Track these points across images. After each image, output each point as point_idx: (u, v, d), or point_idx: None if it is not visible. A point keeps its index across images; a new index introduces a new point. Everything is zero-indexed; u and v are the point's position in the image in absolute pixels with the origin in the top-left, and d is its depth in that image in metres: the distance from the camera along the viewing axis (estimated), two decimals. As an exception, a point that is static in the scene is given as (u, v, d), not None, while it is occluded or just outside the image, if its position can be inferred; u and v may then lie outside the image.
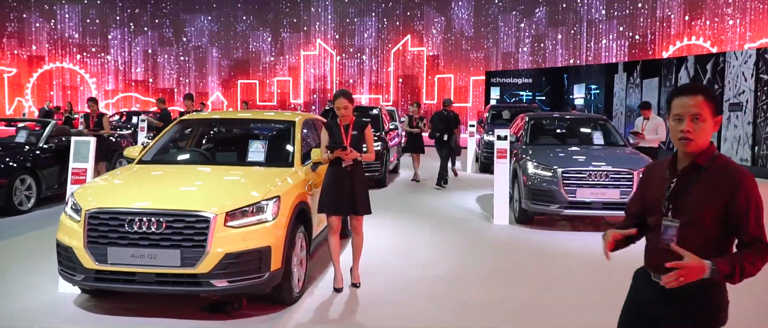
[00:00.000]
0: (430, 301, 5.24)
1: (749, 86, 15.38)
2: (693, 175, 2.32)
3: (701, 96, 2.27)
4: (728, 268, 2.16)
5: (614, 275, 6.05)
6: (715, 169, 2.29)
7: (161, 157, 5.86)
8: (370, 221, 8.53)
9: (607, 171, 7.81)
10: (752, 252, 2.21)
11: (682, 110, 2.28)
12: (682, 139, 2.28)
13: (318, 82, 26.24)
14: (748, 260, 2.19)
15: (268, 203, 4.68)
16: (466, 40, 24.31)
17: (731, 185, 2.24)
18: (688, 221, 2.28)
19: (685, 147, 2.29)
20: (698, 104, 2.26)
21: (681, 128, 2.27)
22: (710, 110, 2.27)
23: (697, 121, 2.26)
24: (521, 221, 8.50)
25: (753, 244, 2.23)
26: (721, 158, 2.32)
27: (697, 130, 2.26)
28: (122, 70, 27.17)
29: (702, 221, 2.27)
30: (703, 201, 2.27)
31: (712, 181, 2.27)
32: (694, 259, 2.15)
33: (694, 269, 2.14)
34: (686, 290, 2.22)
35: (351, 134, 5.38)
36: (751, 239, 2.23)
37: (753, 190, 2.25)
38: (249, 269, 4.51)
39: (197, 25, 26.98)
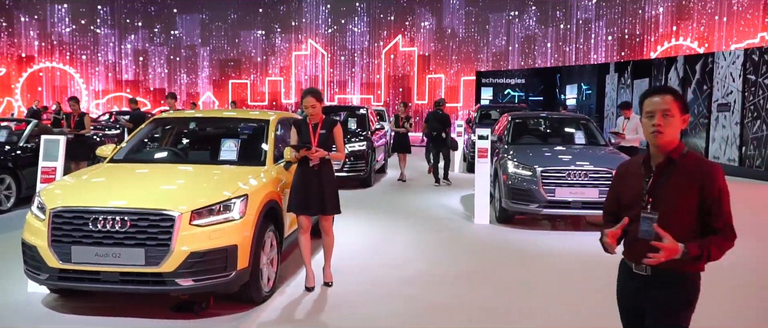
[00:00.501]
0: (400, 301, 5.22)
1: (737, 87, 15.42)
2: (668, 169, 2.53)
3: (670, 95, 2.53)
4: (698, 251, 2.41)
5: (591, 276, 6.07)
6: (687, 163, 2.52)
7: (133, 156, 5.82)
8: (350, 221, 8.54)
9: (587, 170, 7.81)
10: (720, 238, 2.46)
11: (653, 108, 2.53)
12: (654, 132, 2.51)
13: (310, 82, 26.23)
14: (716, 244, 2.44)
15: (235, 201, 4.66)
16: (457, 40, 24.32)
17: (704, 176, 2.47)
18: (665, 212, 2.48)
19: (657, 139, 2.52)
20: (667, 102, 2.51)
21: (653, 122, 2.51)
22: (678, 108, 2.52)
23: (667, 116, 2.50)
24: (502, 221, 8.49)
25: (722, 230, 2.46)
26: (691, 153, 2.55)
27: (667, 125, 2.50)
28: (112, 70, 27.08)
29: (678, 211, 2.48)
30: (678, 192, 2.49)
31: (685, 173, 2.50)
32: (671, 240, 2.39)
33: (671, 249, 2.40)
34: (666, 280, 2.50)
35: (319, 133, 5.36)
36: (720, 225, 2.47)
37: (722, 180, 2.49)
38: (215, 268, 4.48)
39: (188, 25, 26.93)
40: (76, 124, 10.24)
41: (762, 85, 14.64)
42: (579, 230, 8.21)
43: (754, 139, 14.77)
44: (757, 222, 8.75)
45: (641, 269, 2.56)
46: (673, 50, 19.42)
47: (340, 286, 5.56)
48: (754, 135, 14.78)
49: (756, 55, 14.80)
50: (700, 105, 16.42)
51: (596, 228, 8.33)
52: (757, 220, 9.02)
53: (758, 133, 14.73)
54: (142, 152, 6.08)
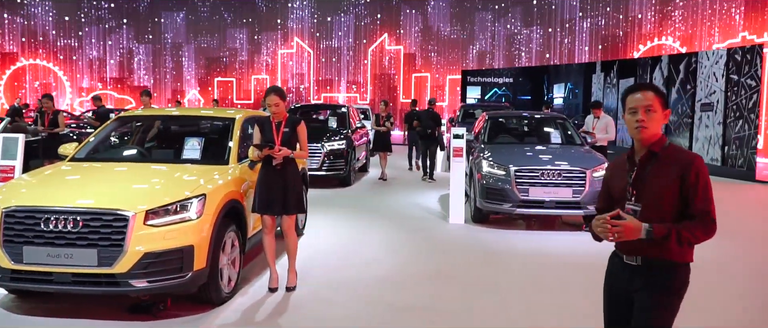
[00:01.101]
0: (363, 302, 5.17)
1: (720, 87, 15.46)
2: (649, 161, 2.62)
3: (651, 91, 2.61)
4: (664, 231, 2.48)
5: (559, 276, 6.04)
6: (668, 154, 2.60)
7: (95, 155, 5.73)
8: (325, 220, 8.48)
9: (560, 170, 7.78)
10: (696, 223, 2.52)
11: (636, 104, 2.61)
12: (638, 127, 2.60)
13: (295, 81, 26.11)
14: (688, 228, 2.50)
15: (192, 201, 4.58)
16: (443, 38, 24.28)
17: (683, 163, 2.55)
18: (648, 203, 2.57)
19: (641, 133, 2.60)
20: (649, 98, 2.60)
21: (636, 118, 2.60)
22: (660, 103, 2.61)
23: (649, 112, 2.59)
24: (477, 221, 8.45)
25: (698, 216, 2.52)
26: (672, 145, 2.63)
27: (650, 120, 2.58)
28: (97, 68, 26.86)
29: (660, 200, 2.56)
30: (660, 183, 2.57)
31: (666, 164, 2.58)
32: (631, 220, 2.49)
33: (631, 228, 2.48)
34: (655, 268, 2.59)
35: (283, 132, 5.29)
36: (697, 211, 2.52)
37: (703, 168, 2.55)
38: (170, 268, 4.41)
39: (173, 22, 26.75)
40: (50, 122, 10.12)
41: (744, 84, 14.68)
42: (553, 230, 8.18)
43: (736, 138, 14.82)
44: (740, 221, 8.75)
45: (632, 259, 2.64)
46: (656, 50, 19.46)
47: (305, 287, 5.50)
48: (736, 135, 14.83)
49: (738, 55, 14.85)
50: (683, 105, 16.46)
51: (572, 228, 8.31)
52: (740, 219, 9.04)
53: (740, 133, 14.78)
54: (105, 151, 5.99)
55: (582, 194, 7.72)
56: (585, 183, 7.72)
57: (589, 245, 7.28)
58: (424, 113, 12.98)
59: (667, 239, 2.49)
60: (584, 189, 7.71)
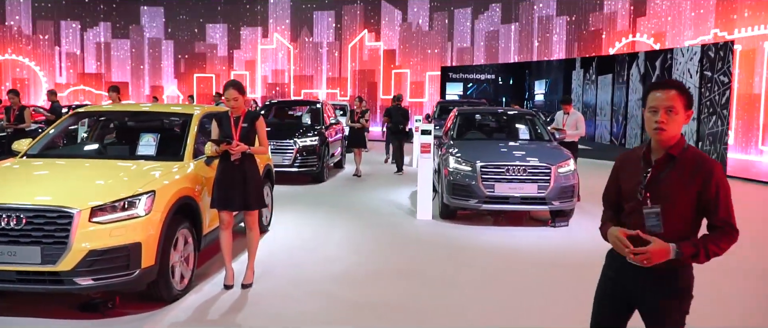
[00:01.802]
0: (319, 299, 5.13)
1: (694, 83, 15.58)
2: (667, 164, 2.51)
3: (674, 90, 2.48)
4: (692, 249, 2.42)
5: (519, 272, 6.04)
6: (686, 159, 2.49)
7: (49, 151, 5.65)
8: (292, 216, 8.44)
9: (525, 166, 7.79)
10: (718, 234, 2.45)
11: (656, 103, 2.48)
12: (657, 129, 2.48)
13: (276, 77, 25.95)
14: (713, 241, 2.44)
15: (140, 198, 4.52)
16: (422, 35, 24.26)
17: (703, 173, 2.45)
18: (663, 208, 2.48)
19: (659, 135, 2.49)
20: (671, 98, 2.47)
21: (656, 119, 2.47)
22: (683, 103, 2.48)
23: (670, 113, 2.47)
24: (444, 216, 8.45)
25: (721, 227, 2.46)
26: (691, 149, 2.52)
27: (670, 122, 2.46)
28: (74, 63, 26.54)
29: (675, 207, 2.47)
30: (677, 189, 2.48)
31: (684, 170, 2.48)
32: (658, 243, 2.42)
33: (659, 252, 2.42)
34: (661, 272, 2.49)
35: (241, 127, 5.24)
36: (721, 222, 2.46)
37: (722, 178, 2.47)
38: (116, 266, 4.35)
39: (152, 17, 26.48)
40: (16, 118, 9.96)
41: (718, 81, 14.81)
42: (521, 226, 8.19)
43: (709, 134, 14.95)
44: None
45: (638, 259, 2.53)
46: (628, 47, 19.57)
47: (263, 284, 5.46)
48: (710, 131, 14.96)
49: (712, 52, 14.97)
50: (659, 101, 16.58)
51: (539, 224, 8.33)
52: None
53: (714, 129, 14.92)
54: (59, 147, 5.90)
55: (547, 189, 7.73)
56: (550, 179, 7.74)
57: (554, 240, 7.35)
58: (393, 109, 13.58)
59: (697, 256, 2.44)
60: (549, 185, 7.73)
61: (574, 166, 8.21)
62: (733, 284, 5.72)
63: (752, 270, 6.25)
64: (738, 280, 5.89)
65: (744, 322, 4.88)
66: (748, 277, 6.03)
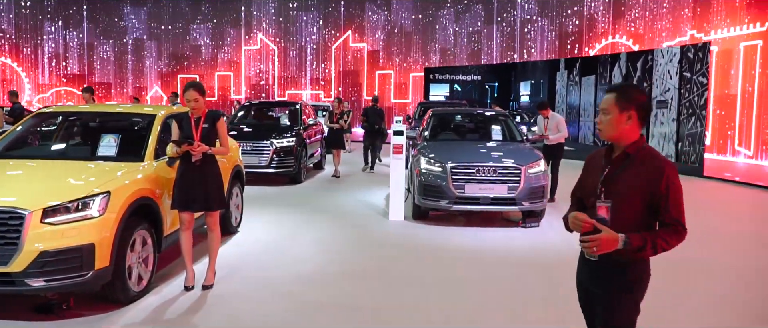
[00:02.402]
0: (280, 300, 5.12)
1: (674, 84, 15.69)
2: (623, 162, 2.66)
3: (611, 94, 2.68)
4: (640, 242, 2.51)
5: (485, 272, 6.05)
6: (641, 158, 2.63)
7: (9, 152, 5.60)
8: (264, 217, 8.42)
9: (495, 167, 7.81)
10: (668, 231, 2.55)
11: (600, 106, 2.73)
12: (597, 129, 2.75)
13: (260, 78, 25.86)
14: (662, 237, 2.54)
15: (94, 199, 4.50)
16: (406, 36, 24.27)
17: (655, 172, 2.57)
18: (615, 203, 2.60)
19: (600, 134, 2.74)
20: (607, 100, 2.69)
21: (597, 119, 2.74)
22: (617, 106, 2.66)
23: (605, 114, 2.68)
24: (416, 217, 8.46)
25: (671, 225, 2.55)
26: (647, 149, 2.65)
27: (605, 122, 2.68)
28: (56, 64, 26.35)
29: (626, 203, 2.59)
30: (628, 185, 2.60)
31: (639, 168, 2.60)
32: (608, 232, 2.52)
33: (607, 240, 2.52)
34: (612, 266, 2.62)
35: (202, 127, 5.23)
36: (671, 220, 2.56)
37: (673, 177, 2.58)
38: (69, 267, 4.32)
39: (135, 18, 26.33)
40: (-12, 118, 9.87)
41: (696, 82, 14.93)
42: (492, 227, 8.20)
43: (689, 135, 15.06)
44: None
45: (591, 255, 2.64)
46: (609, 48, 19.68)
47: (224, 285, 5.44)
48: (689, 132, 15.07)
49: (691, 53, 15.08)
50: (640, 102, 16.67)
51: (510, 224, 8.35)
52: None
53: (693, 130, 15.03)
54: (21, 148, 5.85)
55: (517, 190, 7.76)
56: (520, 180, 7.77)
57: (522, 240, 7.37)
58: (370, 110, 14.31)
59: (643, 249, 2.53)
60: (519, 186, 7.76)
61: (545, 166, 8.25)
62: (710, 285, 5.77)
63: (729, 270, 6.30)
64: (715, 280, 5.93)
65: (725, 324, 4.88)
66: (725, 276, 6.08)
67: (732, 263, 6.62)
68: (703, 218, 8.63)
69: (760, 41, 13.94)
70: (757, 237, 8.23)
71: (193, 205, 5.19)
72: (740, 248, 7.44)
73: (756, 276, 6.20)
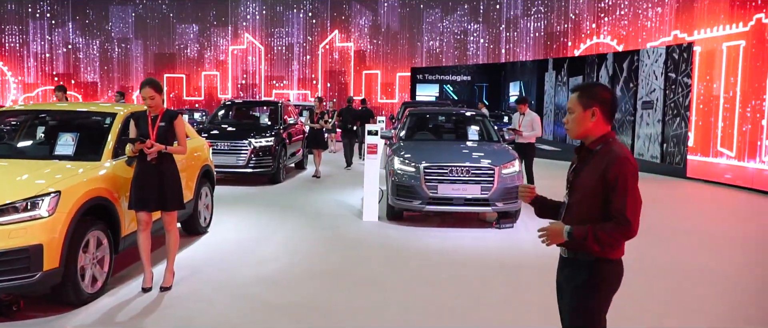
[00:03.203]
0: (239, 302, 5.03)
1: (659, 85, 15.68)
2: (586, 158, 2.71)
3: (574, 93, 2.76)
4: (582, 233, 2.55)
5: (454, 272, 5.98)
6: (603, 152, 2.65)
7: (-35, 151, 5.49)
8: (235, 218, 8.34)
9: (468, 167, 7.74)
10: (613, 224, 2.53)
11: (567, 105, 2.78)
12: (565, 128, 2.80)
13: (246, 78, 25.73)
14: (603, 229, 2.53)
15: (43, 198, 4.40)
16: (392, 35, 24.19)
17: (606, 163, 2.59)
18: (577, 198, 2.69)
19: (567, 133, 2.82)
20: (572, 100, 2.75)
21: (563, 120, 2.81)
22: (579, 104, 2.71)
23: (570, 113, 2.74)
24: (391, 218, 8.38)
25: (615, 217, 2.53)
26: (609, 144, 2.66)
27: (570, 121, 2.74)
28: (43, 63, 26.14)
29: (589, 196, 2.62)
30: (587, 180, 2.65)
31: (597, 162, 2.64)
32: (555, 224, 2.66)
33: (554, 232, 2.66)
34: (577, 263, 2.67)
35: (158, 126, 5.14)
36: (615, 212, 2.53)
37: (624, 170, 2.56)
38: (15, 268, 4.23)
39: (121, 17, 26.15)
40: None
41: (681, 82, 14.92)
42: (465, 227, 8.14)
43: (674, 136, 15.05)
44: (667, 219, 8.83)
45: (563, 252, 2.75)
46: (594, 48, 19.66)
47: (184, 287, 5.35)
48: (674, 132, 15.06)
49: (676, 54, 15.07)
50: (626, 103, 16.67)
51: (486, 225, 8.29)
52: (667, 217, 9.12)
53: (678, 131, 15.02)
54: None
55: (491, 190, 7.69)
56: (493, 180, 7.70)
57: (493, 241, 7.30)
58: (345, 110, 15.17)
59: (586, 240, 2.56)
60: (493, 186, 7.69)
61: (520, 167, 8.19)
62: (696, 288, 5.71)
63: (714, 272, 6.25)
64: (701, 283, 5.88)
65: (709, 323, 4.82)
66: (713, 279, 6.02)
67: (720, 266, 6.57)
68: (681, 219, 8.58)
69: (743, 41, 13.91)
70: (743, 239, 8.19)
71: (149, 204, 5.10)
72: (730, 251, 7.39)
73: (747, 279, 6.12)
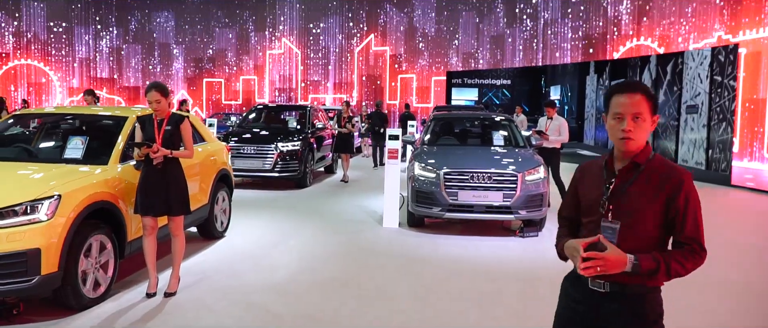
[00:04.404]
0: (240, 310, 4.93)
1: (704, 88, 15.05)
2: (632, 174, 2.27)
3: (640, 94, 2.23)
4: (652, 264, 2.12)
5: (468, 283, 5.74)
6: (653, 168, 2.25)
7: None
8: (255, 223, 8.27)
9: (490, 173, 7.49)
10: (684, 252, 2.17)
11: (622, 109, 2.23)
12: (623, 138, 2.23)
13: (283, 82, 25.94)
14: (678, 259, 2.15)
15: (43, 202, 4.38)
16: (428, 39, 23.99)
17: (672, 184, 2.20)
18: (628, 222, 2.22)
19: (626, 145, 2.25)
20: (638, 103, 2.22)
21: (622, 127, 2.23)
22: (649, 108, 2.24)
23: (637, 120, 2.22)
24: (411, 225, 8.19)
25: (687, 244, 2.18)
26: (658, 158, 2.28)
27: (637, 129, 2.22)
28: (87, 67, 26.91)
29: (642, 221, 2.21)
30: (642, 201, 2.22)
31: (651, 180, 2.23)
32: (614, 251, 2.13)
33: (614, 261, 2.12)
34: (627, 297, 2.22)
35: (164, 130, 5.09)
36: (686, 239, 2.18)
37: (692, 190, 2.21)
38: (14, 272, 4.21)
39: (163, 22, 26.72)
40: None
41: (727, 86, 14.28)
42: (488, 236, 7.87)
43: (719, 142, 14.41)
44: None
45: (598, 284, 2.26)
46: (634, 51, 19.04)
47: (189, 292, 5.28)
48: (719, 138, 14.42)
49: (722, 56, 14.44)
50: (670, 107, 16.05)
51: (510, 233, 8.00)
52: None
53: (723, 136, 14.38)
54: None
55: (513, 198, 7.42)
56: (516, 187, 7.43)
57: (516, 251, 7.02)
58: (374, 114, 15.67)
59: (656, 273, 2.14)
60: (515, 193, 7.42)
61: (545, 173, 7.89)
62: (732, 302, 5.36)
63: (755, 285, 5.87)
64: (738, 298, 5.52)
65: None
66: (748, 294, 5.65)
67: (749, 279, 6.17)
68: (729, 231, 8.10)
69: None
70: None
71: (154, 209, 5.05)
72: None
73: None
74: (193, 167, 6.31)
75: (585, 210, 2.38)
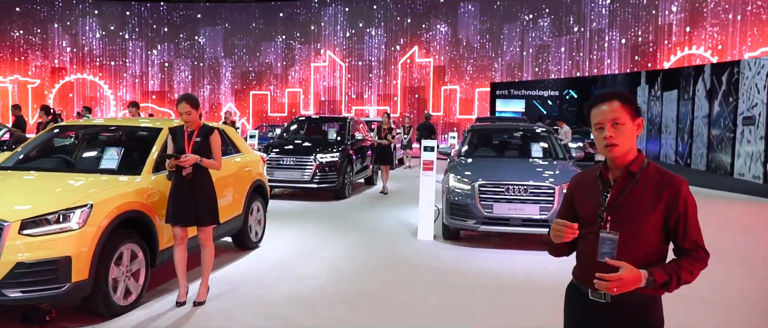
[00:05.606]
0: (265, 321, 4.93)
1: (762, 98, 14.42)
2: (627, 184, 2.28)
3: (616, 101, 2.28)
4: (665, 276, 2.16)
5: (497, 298, 5.60)
6: (648, 176, 2.27)
7: (22, 164, 5.75)
8: (290, 233, 8.31)
9: (526, 186, 7.32)
10: (690, 259, 2.21)
11: (600, 119, 2.28)
12: (607, 145, 2.27)
13: (327, 94, 26.23)
14: (685, 267, 2.19)
15: (75, 211, 4.48)
16: (472, 50, 23.83)
17: (670, 191, 2.23)
18: (627, 232, 2.24)
19: (611, 152, 2.27)
20: (615, 110, 2.26)
21: (603, 135, 2.27)
22: (628, 113, 2.27)
23: (617, 125, 2.26)
24: (447, 237, 8.07)
25: (692, 250, 2.22)
26: (652, 165, 2.29)
27: (619, 134, 2.25)
28: (139, 80, 27.82)
29: (641, 230, 2.24)
30: (641, 209, 2.24)
31: (647, 188, 2.25)
32: (629, 269, 2.14)
33: (630, 279, 2.14)
34: (627, 306, 2.24)
35: (194, 141, 5.16)
36: (691, 244, 2.22)
37: (690, 196, 2.25)
38: (45, 279, 4.31)
39: (211, 36, 27.42)
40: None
41: (786, 97, 13.65)
42: (525, 249, 7.68)
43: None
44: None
45: (598, 295, 2.28)
46: (685, 60, 18.40)
47: (218, 301, 5.32)
48: (778, 151, 13.77)
49: (781, 65, 13.81)
50: (725, 118, 15.41)
51: (545, 247, 7.78)
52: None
53: (782, 149, 13.72)
54: (34, 160, 5.99)
55: (550, 211, 7.23)
56: (554, 200, 7.24)
57: (551, 266, 6.81)
58: (421, 126, 16.12)
59: (669, 284, 2.17)
60: (553, 206, 7.23)
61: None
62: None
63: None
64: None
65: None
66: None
67: None
68: None
69: None
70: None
71: (184, 219, 5.11)
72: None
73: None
74: (226, 177, 6.38)
75: (582, 221, 2.36)
